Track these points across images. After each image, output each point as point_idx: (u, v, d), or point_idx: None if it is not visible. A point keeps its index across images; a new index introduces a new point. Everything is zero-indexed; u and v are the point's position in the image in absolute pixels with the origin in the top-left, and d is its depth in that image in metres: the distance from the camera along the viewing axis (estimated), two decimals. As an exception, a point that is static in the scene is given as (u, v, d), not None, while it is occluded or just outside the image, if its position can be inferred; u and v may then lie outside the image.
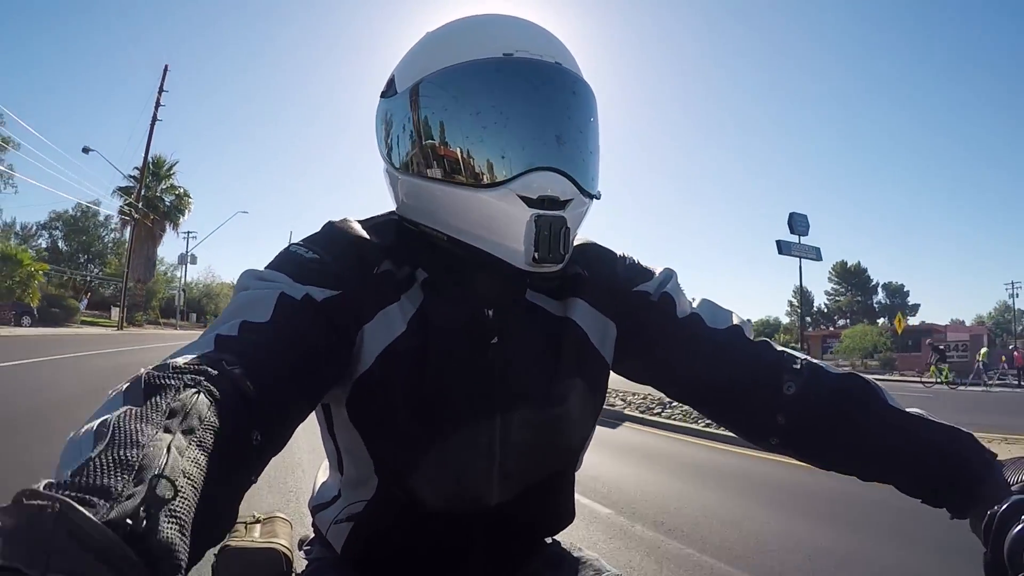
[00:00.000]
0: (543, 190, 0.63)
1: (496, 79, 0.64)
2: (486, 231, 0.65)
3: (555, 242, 0.64)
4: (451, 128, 0.64)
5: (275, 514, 0.96)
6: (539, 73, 0.65)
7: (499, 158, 0.63)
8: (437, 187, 0.66)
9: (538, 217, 0.63)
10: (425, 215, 0.70)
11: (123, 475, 0.33)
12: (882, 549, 3.47)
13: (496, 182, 0.63)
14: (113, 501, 0.31)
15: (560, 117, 0.65)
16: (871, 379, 0.72)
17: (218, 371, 0.47)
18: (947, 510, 0.64)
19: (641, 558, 3.18)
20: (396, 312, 0.68)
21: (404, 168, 0.69)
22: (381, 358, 0.66)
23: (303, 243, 0.68)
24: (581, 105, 0.67)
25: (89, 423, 0.39)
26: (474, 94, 0.63)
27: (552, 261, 0.65)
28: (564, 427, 0.74)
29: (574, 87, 0.67)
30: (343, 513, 0.75)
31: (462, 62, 0.64)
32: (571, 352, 0.74)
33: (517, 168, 0.63)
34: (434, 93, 0.65)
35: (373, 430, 0.69)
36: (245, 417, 0.48)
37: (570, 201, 0.65)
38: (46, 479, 0.34)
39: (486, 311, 0.71)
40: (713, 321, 0.76)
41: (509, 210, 0.63)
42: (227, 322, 0.56)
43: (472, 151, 0.63)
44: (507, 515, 0.74)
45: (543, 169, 0.63)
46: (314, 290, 0.61)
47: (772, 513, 4.22)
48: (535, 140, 0.64)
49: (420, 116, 0.66)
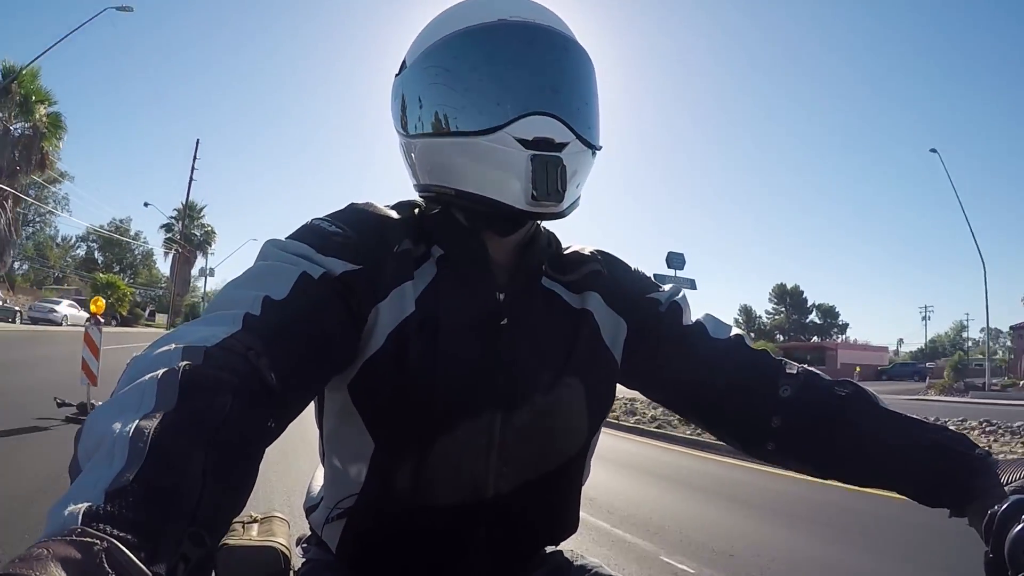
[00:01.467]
0: (538, 132, 0.66)
1: (491, 38, 0.69)
2: (487, 176, 0.68)
3: (552, 180, 0.66)
4: (452, 84, 0.68)
5: (273, 513, 0.96)
6: (531, 32, 0.69)
7: (494, 105, 0.66)
8: (442, 140, 0.70)
9: (533, 156, 0.65)
10: (436, 174, 0.72)
11: (161, 510, 0.35)
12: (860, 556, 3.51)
13: (493, 127, 0.66)
14: (153, 543, 0.33)
15: (553, 69, 0.69)
16: (865, 386, 0.73)
17: (248, 367, 0.49)
18: (947, 509, 0.65)
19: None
20: (409, 290, 0.69)
21: (416, 134, 0.72)
22: (391, 337, 0.67)
23: (327, 217, 0.70)
24: (573, 60, 0.71)
25: (122, 420, 0.39)
26: (472, 53, 0.68)
27: (551, 199, 0.67)
28: (567, 418, 0.74)
29: (565, 45, 0.71)
30: (334, 510, 0.74)
31: (462, 27, 0.69)
32: (583, 344, 0.76)
33: (512, 113, 0.66)
34: (436, 57, 0.70)
35: (376, 412, 0.68)
36: (267, 408, 0.49)
37: (566, 145, 0.67)
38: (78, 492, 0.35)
39: (497, 293, 0.72)
40: (715, 331, 0.79)
41: (506, 151, 0.66)
42: (250, 291, 0.57)
43: (470, 102, 0.67)
44: (507, 512, 0.72)
45: (537, 113, 0.66)
46: (335, 263, 0.64)
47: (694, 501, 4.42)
48: (529, 87, 0.67)
49: (425, 80, 0.71)
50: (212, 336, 0.49)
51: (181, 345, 0.47)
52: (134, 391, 0.42)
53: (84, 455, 0.39)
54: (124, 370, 0.47)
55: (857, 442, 0.69)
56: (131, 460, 0.36)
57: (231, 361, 0.47)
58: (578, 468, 0.79)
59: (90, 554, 0.29)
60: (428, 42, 0.72)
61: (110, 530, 0.32)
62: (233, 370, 0.47)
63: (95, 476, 0.35)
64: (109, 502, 0.33)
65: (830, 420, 0.70)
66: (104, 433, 0.39)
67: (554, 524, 0.80)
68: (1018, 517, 0.52)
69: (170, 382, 0.42)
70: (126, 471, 0.35)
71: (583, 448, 0.77)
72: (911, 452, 0.65)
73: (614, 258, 0.84)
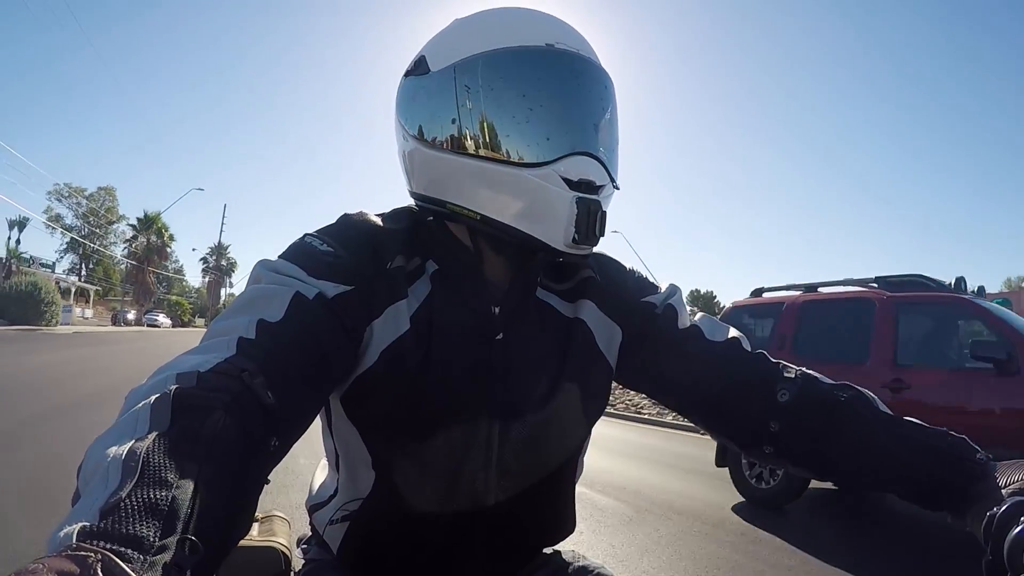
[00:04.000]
0: (583, 173, 0.65)
1: (543, 65, 0.66)
2: (527, 210, 0.66)
3: (592, 225, 0.65)
4: (498, 108, 0.65)
5: (274, 513, 0.96)
6: (581, 64, 0.68)
7: (544, 139, 0.65)
8: (477, 164, 0.66)
9: (579, 199, 0.64)
10: (453, 192, 0.69)
11: (154, 522, 0.35)
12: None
13: (541, 162, 0.64)
14: (146, 554, 0.33)
15: (596, 107, 0.68)
16: (863, 389, 0.72)
17: (242, 387, 0.49)
18: (947, 513, 0.64)
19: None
20: (403, 308, 0.68)
21: (439, 145, 0.69)
22: (384, 355, 0.66)
23: (318, 234, 0.68)
24: (610, 99, 0.71)
25: (117, 444, 0.40)
26: (522, 77, 0.65)
27: (588, 243, 0.66)
28: (564, 427, 0.74)
29: (605, 81, 0.70)
30: (339, 513, 0.74)
31: (510, 46, 0.66)
32: (578, 354, 0.75)
33: (561, 150, 0.64)
34: (482, 73, 0.66)
35: (370, 427, 0.69)
36: (266, 428, 0.49)
37: (603, 187, 0.67)
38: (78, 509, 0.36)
39: (492, 308, 0.71)
40: (712, 334, 0.78)
41: (552, 190, 0.64)
42: (244, 316, 0.57)
43: (517, 131, 0.65)
44: (505, 518, 0.73)
45: (583, 154, 0.65)
46: (327, 285, 0.63)
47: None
48: (577, 125, 0.66)
49: (465, 94, 0.67)
50: (206, 362, 0.50)
51: (175, 373, 0.48)
52: (129, 418, 0.43)
53: (83, 482, 0.40)
54: (123, 402, 0.47)
55: (856, 446, 0.68)
56: (124, 479, 0.37)
57: (224, 383, 0.48)
58: (573, 469, 0.80)
59: (85, 566, 0.30)
60: (464, 51, 0.68)
61: (105, 544, 0.32)
62: (226, 390, 0.47)
63: (91, 499, 0.36)
64: (103, 519, 0.34)
65: (829, 424, 0.70)
66: (100, 459, 0.39)
67: (552, 526, 0.81)
68: (1017, 519, 0.52)
69: (162, 405, 0.43)
70: (119, 489, 0.36)
71: (577, 450, 0.79)
72: (910, 456, 0.65)
73: (609, 260, 0.83)
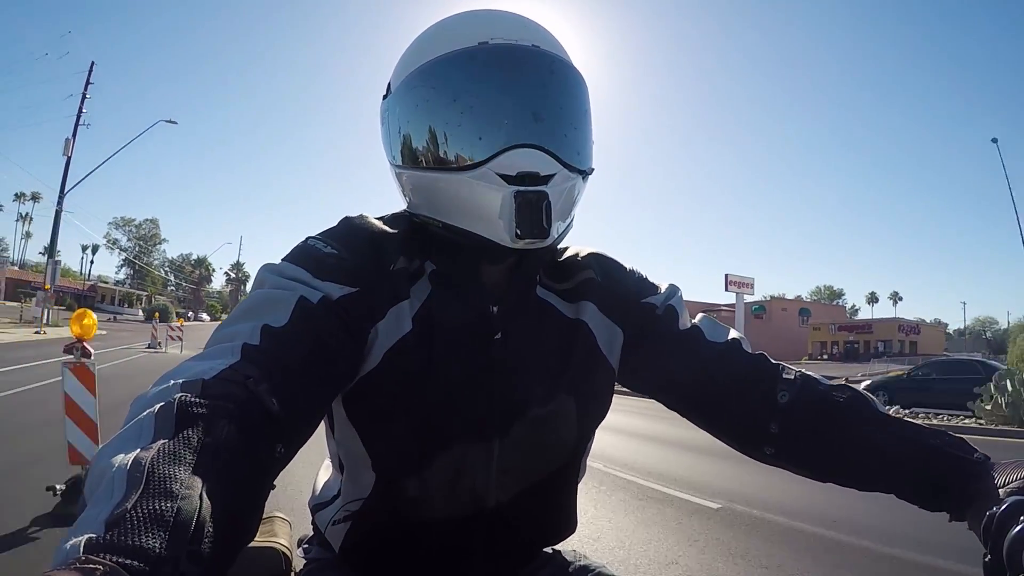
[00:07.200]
0: (523, 166, 0.64)
1: (471, 66, 0.66)
2: (471, 212, 0.66)
3: (536, 217, 0.64)
4: (433, 117, 0.66)
5: (274, 513, 0.96)
6: (513, 55, 0.67)
7: (476, 140, 0.64)
8: (426, 175, 0.68)
9: (516, 193, 0.64)
10: (424, 205, 0.71)
11: (160, 533, 0.35)
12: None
13: (476, 163, 0.64)
14: (152, 566, 0.34)
15: (536, 95, 0.66)
16: (862, 390, 0.73)
17: (247, 394, 0.49)
18: (947, 512, 0.64)
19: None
20: (405, 309, 0.68)
21: (402, 163, 0.71)
22: (388, 356, 0.67)
23: (321, 237, 0.69)
24: (560, 82, 0.68)
25: (123, 454, 0.40)
26: (451, 82, 0.66)
27: (535, 236, 0.65)
28: (564, 427, 0.75)
29: (551, 66, 0.68)
30: (340, 513, 0.75)
31: (441, 54, 0.67)
32: (580, 355, 0.76)
33: (494, 148, 0.64)
34: (416, 86, 0.68)
35: (371, 428, 0.69)
36: (271, 434, 0.49)
37: (552, 176, 0.65)
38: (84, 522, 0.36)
39: (491, 307, 0.72)
40: (712, 335, 0.79)
41: (488, 189, 0.64)
42: (248, 322, 0.58)
43: (452, 136, 0.65)
44: (506, 518, 0.73)
45: (520, 146, 0.64)
46: (332, 287, 0.63)
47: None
48: (510, 119, 0.65)
49: (406, 110, 0.69)
50: (210, 369, 0.50)
51: (180, 380, 0.48)
52: (134, 427, 0.43)
53: (89, 492, 0.40)
54: (128, 410, 0.47)
55: (855, 447, 0.69)
56: (129, 490, 0.37)
57: (228, 390, 0.48)
58: (575, 470, 0.80)
59: None
60: (410, 67, 0.70)
61: (110, 557, 0.33)
62: (231, 398, 0.47)
63: (97, 510, 0.36)
64: (109, 531, 0.34)
65: (828, 425, 0.70)
66: (106, 468, 0.40)
67: (553, 525, 0.81)
68: (1016, 518, 0.52)
69: (167, 414, 0.43)
70: (124, 501, 0.36)
71: (579, 451, 0.79)
72: (909, 457, 0.65)
73: (610, 261, 0.83)
